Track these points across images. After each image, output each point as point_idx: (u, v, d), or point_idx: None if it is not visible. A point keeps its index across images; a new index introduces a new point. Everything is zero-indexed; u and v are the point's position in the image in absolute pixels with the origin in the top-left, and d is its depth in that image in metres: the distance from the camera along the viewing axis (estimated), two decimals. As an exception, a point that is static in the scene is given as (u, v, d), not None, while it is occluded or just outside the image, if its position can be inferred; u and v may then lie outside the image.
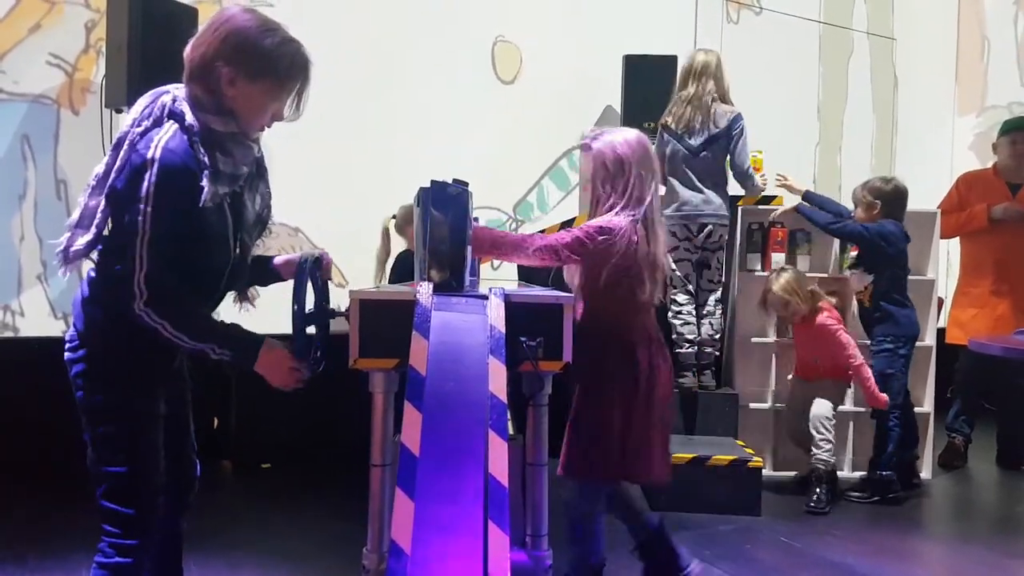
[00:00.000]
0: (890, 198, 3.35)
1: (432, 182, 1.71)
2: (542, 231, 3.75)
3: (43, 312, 3.57)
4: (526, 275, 3.40)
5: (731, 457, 3.19)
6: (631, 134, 2.10)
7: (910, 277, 3.47)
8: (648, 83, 3.97)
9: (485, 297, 1.66)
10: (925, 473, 3.71)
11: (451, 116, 4.31)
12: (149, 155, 1.51)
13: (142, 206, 1.51)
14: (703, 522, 3.06)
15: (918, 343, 3.51)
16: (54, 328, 3.54)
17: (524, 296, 1.71)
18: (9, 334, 3.54)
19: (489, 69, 4.55)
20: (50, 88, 3.56)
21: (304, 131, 4.00)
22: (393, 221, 3.70)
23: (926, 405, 3.74)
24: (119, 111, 3.27)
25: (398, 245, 3.73)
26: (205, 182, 1.53)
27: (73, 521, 2.95)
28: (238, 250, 1.68)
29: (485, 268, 3.87)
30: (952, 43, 5.69)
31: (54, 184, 3.56)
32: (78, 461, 1.67)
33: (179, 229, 1.54)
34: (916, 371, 3.63)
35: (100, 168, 1.60)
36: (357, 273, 3.89)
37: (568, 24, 4.60)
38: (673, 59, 3.95)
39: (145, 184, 1.50)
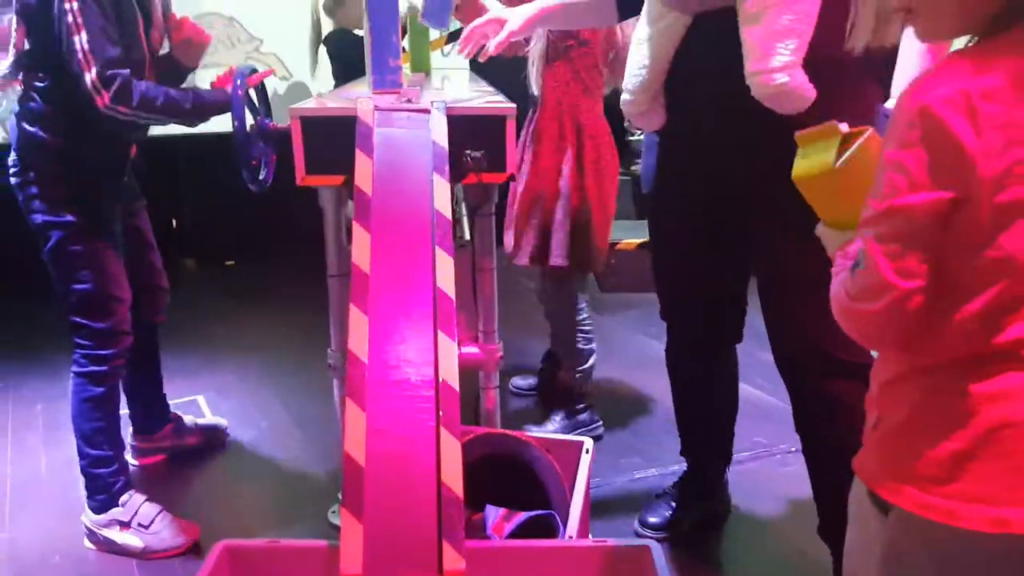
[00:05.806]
0: None
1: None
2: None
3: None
4: (477, 67, 3.31)
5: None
6: None
7: None
8: None
9: (427, 111, 1.66)
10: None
11: None
12: None
13: (67, 6, 1.51)
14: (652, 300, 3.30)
15: None
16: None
17: (466, 108, 1.71)
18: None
19: None
20: None
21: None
22: (322, 2, 3.49)
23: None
24: None
25: (329, 28, 3.53)
26: None
27: (52, 322, 3.07)
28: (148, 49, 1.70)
29: (435, 56, 3.74)
30: None
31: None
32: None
33: (107, 21, 1.56)
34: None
35: None
36: (299, 65, 3.74)
37: None
38: None
39: None
